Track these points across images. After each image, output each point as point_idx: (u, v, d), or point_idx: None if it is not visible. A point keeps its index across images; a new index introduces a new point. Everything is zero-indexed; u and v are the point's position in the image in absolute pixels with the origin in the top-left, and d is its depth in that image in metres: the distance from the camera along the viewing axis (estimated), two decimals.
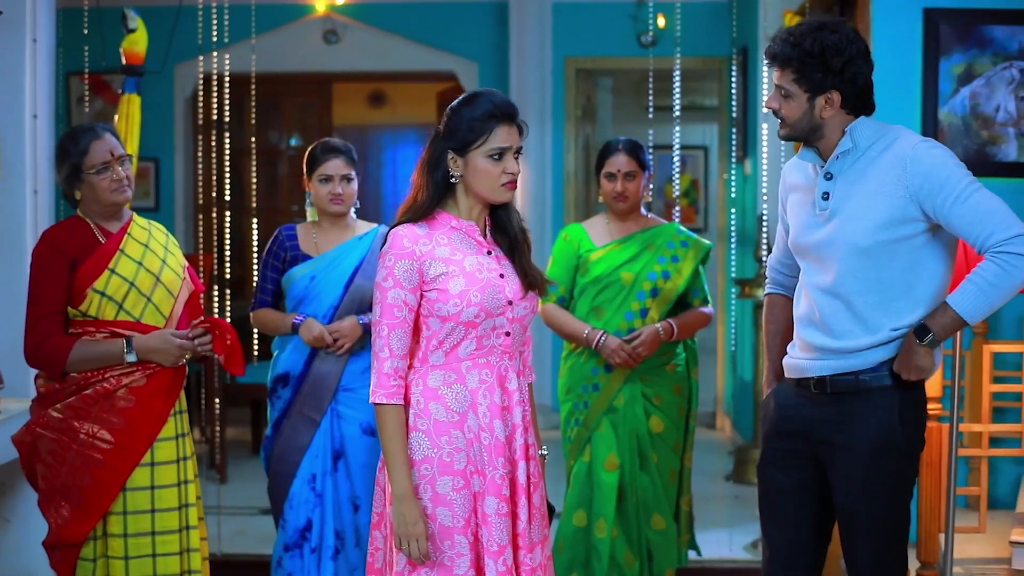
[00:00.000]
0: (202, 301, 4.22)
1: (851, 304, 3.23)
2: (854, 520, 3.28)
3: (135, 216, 3.97)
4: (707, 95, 9.57)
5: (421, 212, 3.11)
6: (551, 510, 3.31)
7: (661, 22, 8.55)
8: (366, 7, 9.02)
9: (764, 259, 7.05)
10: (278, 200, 9.81)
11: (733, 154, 8.49)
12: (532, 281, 3.19)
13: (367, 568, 3.23)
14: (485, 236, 3.18)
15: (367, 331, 4.33)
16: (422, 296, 3.07)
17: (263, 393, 7.44)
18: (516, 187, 3.13)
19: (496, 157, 3.08)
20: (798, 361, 3.34)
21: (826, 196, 3.25)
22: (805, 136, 3.26)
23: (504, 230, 3.21)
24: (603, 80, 10.28)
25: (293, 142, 10.04)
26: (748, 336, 7.72)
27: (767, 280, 3.61)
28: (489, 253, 3.16)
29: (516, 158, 3.11)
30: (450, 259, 3.08)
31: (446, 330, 3.07)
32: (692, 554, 4.85)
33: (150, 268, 3.86)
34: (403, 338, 3.06)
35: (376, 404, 3.06)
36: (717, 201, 9.30)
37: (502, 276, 3.14)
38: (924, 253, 3.22)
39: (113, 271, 3.79)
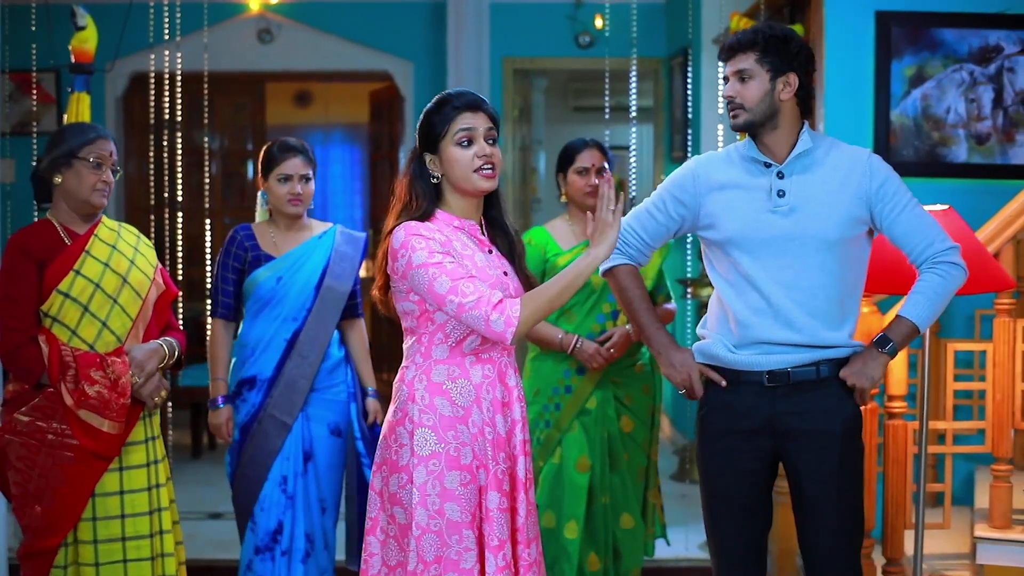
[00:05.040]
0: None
1: (815, 298, 3.32)
2: (823, 506, 3.35)
3: (103, 218, 3.90)
4: (636, 96, 9.60)
5: (418, 216, 3.12)
6: None
7: (599, 23, 8.58)
8: (301, 6, 8.94)
9: None
10: (213, 201, 9.68)
11: (673, 154, 8.55)
12: (530, 282, 3.23)
13: (360, 574, 3.20)
14: (483, 234, 3.21)
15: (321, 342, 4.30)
16: None
17: (202, 396, 7.41)
18: (496, 175, 3.14)
19: (464, 144, 3.10)
20: (746, 357, 3.37)
21: (781, 193, 3.32)
22: (762, 122, 3.34)
23: (503, 230, 3.24)
24: (537, 81, 10.30)
25: (227, 142, 9.92)
26: (692, 335, 7.76)
27: (615, 251, 3.52)
28: (490, 251, 3.18)
29: (492, 144, 3.13)
30: (462, 254, 3.09)
31: (452, 324, 3.07)
32: (659, 547, 4.88)
33: (117, 269, 3.80)
34: (479, 283, 3.00)
35: (517, 328, 2.96)
36: None
37: (505, 274, 3.17)
38: (864, 255, 3.43)
39: (78, 272, 3.73)
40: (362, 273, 10.70)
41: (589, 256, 3.01)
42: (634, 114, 6.33)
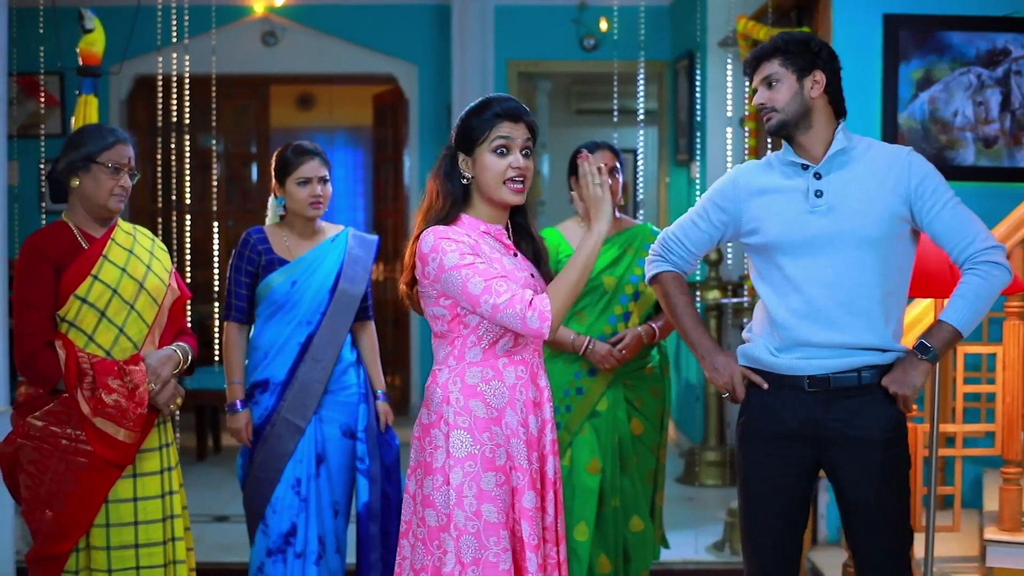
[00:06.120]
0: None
1: (856, 296, 3.30)
2: (870, 514, 3.33)
3: (120, 221, 3.87)
4: (636, 99, 9.64)
5: (444, 217, 3.14)
6: None
7: (603, 26, 8.59)
8: (305, 9, 8.94)
9: (716, 260, 7.14)
10: (216, 203, 9.67)
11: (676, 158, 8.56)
12: None
13: None
14: (509, 238, 3.23)
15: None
16: None
17: (207, 398, 7.43)
18: (524, 190, 3.15)
19: (501, 152, 3.11)
20: (788, 361, 3.36)
21: (819, 193, 3.32)
22: (796, 121, 3.35)
23: (528, 236, 3.27)
24: (541, 84, 10.30)
25: (230, 145, 9.91)
26: None
27: (659, 258, 3.60)
28: (515, 255, 3.20)
29: (526, 157, 3.14)
30: (490, 257, 3.10)
31: (485, 326, 3.10)
32: (665, 550, 4.88)
33: (134, 274, 3.77)
34: (511, 283, 3.02)
35: (552, 321, 2.98)
36: (657, 203, 9.34)
37: (532, 276, 3.19)
38: (908, 256, 3.40)
39: (96, 277, 3.69)
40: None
41: (592, 233, 3.05)
42: (642, 117, 6.33)
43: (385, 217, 9.99)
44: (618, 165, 4.58)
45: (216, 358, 6.41)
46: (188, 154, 6.72)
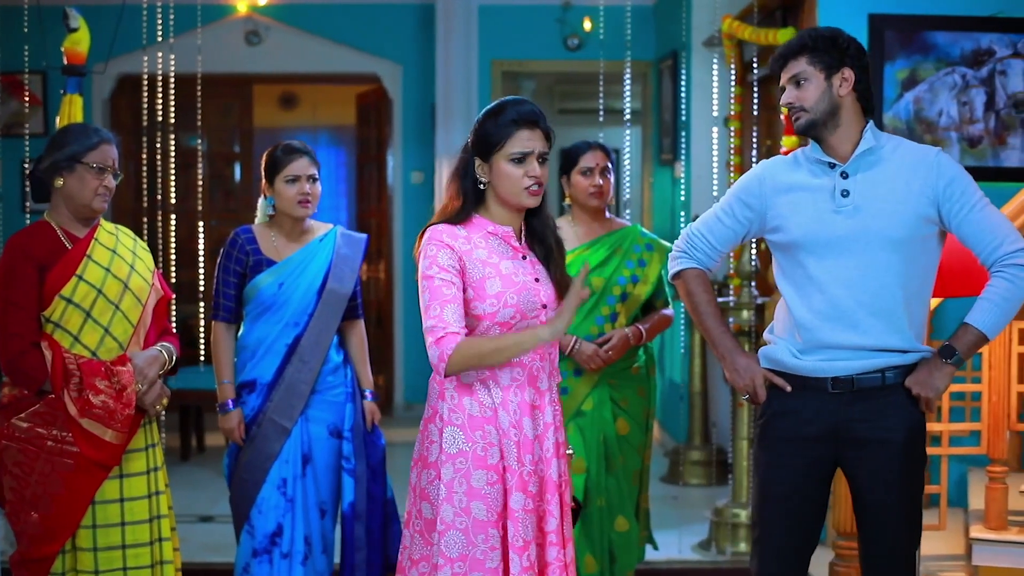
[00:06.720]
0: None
1: (879, 298, 3.27)
2: (885, 513, 3.32)
3: (102, 221, 3.86)
4: (620, 98, 9.64)
5: (456, 217, 3.18)
6: (575, 508, 3.38)
7: (587, 26, 8.59)
8: (289, 8, 8.93)
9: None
10: (204, 203, 9.65)
11: (660, 157, 8.57)
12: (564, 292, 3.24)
13: (397, 567, 3.27)
14: (521, 241, 3.24)
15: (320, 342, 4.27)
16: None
17: (191, 398, 7.41)
18: (541, 192, 3.17)
19: (517, 160, 3.13)
20: (811, 363, 3.34)
21: (845, 193, 3.29)
22: (825, 120, 3.31)
23: (541, 239, 3.27)
24: (525, 83, 10.30)
25: (213, 144, 9.88)
26: (678, 338, 7.77)
27: (683, 255, 3.58)
28: (524, 258, 3.22)
29: (542, 163, 3.16)
30: (487, 261, 3.13)
31: (481, 328, 3.12)
32: (650, 550, 4.88)
33: (118, 274, 3.76)
34: (458, 311, 3.06)
35: (447, 365, 3.02)
36: (641, 203, 9.34)
37: (537, 280, 3.20)
38: (934, 258, 3.36)
39: (81, 278, 3.68)
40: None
41: (535, 333, 3.08)
42: (628, 117, 6.34)
43: (368, 217, 9.97)
44: (609, 165, 4.58)
45: (201, 358, 6.39)
46: (172, 153, 6.69)
